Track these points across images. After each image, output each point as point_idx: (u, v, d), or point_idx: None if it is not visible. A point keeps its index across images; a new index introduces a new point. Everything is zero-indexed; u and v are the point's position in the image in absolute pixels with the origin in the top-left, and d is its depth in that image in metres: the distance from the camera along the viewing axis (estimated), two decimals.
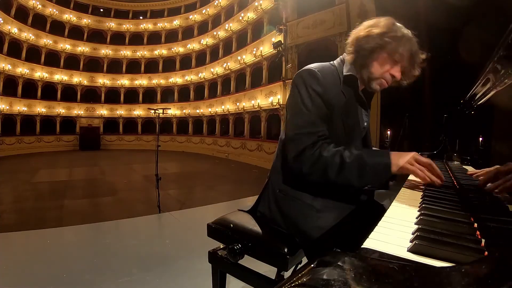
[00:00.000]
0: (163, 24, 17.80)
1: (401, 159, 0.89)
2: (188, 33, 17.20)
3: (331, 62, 1.09)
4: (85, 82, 16.90)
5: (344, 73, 1.03)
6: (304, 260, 1.14)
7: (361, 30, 1.01)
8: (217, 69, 14.59)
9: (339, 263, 0.35)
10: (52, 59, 15.64)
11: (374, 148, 1.33)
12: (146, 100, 17.56)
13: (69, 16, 16.42)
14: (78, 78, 16.61)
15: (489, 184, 0.86)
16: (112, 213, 4.09)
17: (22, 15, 14.22)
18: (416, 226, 0.58)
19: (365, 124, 1.11)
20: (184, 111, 16.66)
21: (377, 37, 0.95)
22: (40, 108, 15.05)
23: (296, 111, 0.98)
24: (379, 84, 1.02)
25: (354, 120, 1.05)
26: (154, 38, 17.99)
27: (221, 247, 1.19)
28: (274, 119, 10.68)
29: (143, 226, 3.58)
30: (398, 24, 0.98)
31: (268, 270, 1.06)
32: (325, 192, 1.03)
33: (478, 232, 0.53)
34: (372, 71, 1.00)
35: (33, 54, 14.76)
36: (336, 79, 1.03)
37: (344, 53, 1.09)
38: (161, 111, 4.31)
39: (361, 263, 0.36)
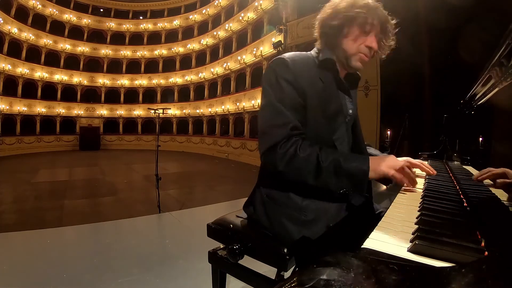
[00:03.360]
0: (163, 24, 17.80)
1: (380, 165, 0.85)
2: (188, 33, 17.20)
3: (309, 52, 1.05)
4: (85, 82, 16.89)
5: (320, 59, 0.99)
6: None
7: (325, 11, 0.98)
8: (217, 69, 14.59)
9: (339, 263, 0.35)
10: (52, 59, 15.64)
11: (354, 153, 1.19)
12: (146, 100, 17.56)
13: (69, 16, 16.41)
14: (78, 78, 16.60)
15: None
16: (112, 213, 4.09)
17: (22, 15, 14.22)
18: (416, 226, 0.58)
19: (350, 111, 1.05)
20: (184, 111, 16.66)
21: (343, 12, 0.93)
22: (40, 108, 15.05)
23: (266, 103, 0.93)
24: (358, 60, 0.97)
25: (335, 107, 0.98)
26: (154, 38, 17.99)
27: (221, 247, 1.19)
28: None
29: (143, 226, 3.58)
30: None
31: (268, 270, 1.06)
32: (313, 198, 0.97)
33: (478, 232, 0.53)
34: (346, 48, 0.96)
35: (33, 54, 14.77)
36: (311, 66, 0.98)
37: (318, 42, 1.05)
38: (161, 111, 4.31)
39: (361, 263, 0.36)
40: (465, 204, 0.73)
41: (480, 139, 1.56)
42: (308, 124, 0.93)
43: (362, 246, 0.48)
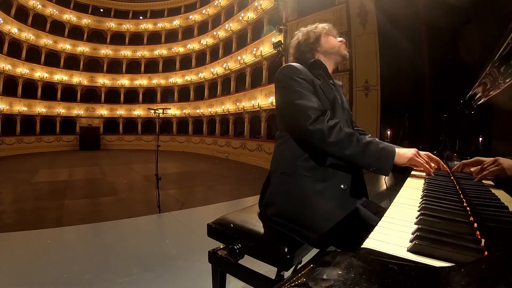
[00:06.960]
0: (163, 24, 17.80)
1: (405, 151, 1.03)
2: (188, 33, 17.20)
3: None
4: (85, 82, 16.90)
5: (308, 63, 1.20)
6: (304, 260, 1.14)
7: (302, 35, 1.28)
8: (217, 69, 14.60)
9: (339, 263, 0.35)
10: (52, 59, 15.66)
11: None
12: (146, 100, 17.57)
13: (69, 16, 16.42)
14: (78, 78, 16.61)
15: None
16: (112, 213, 4.09)
17: (22, 15, 14.23)
18: (416, 226, 0.58)
19: (340, 102, 1.22)
20: (184, 111, 16.66)
21: (318, 31, 1.26)
22: (40, 108, 15.06)
23: (295, 97, 1.05)
24: (343, 49, 1.27)
25: (332, 95, 1.17)
26: (154, 38, 18.00)
27: (221, 247, 1.19)
28: (274, 119, 10.66)
29: (143, 226, 3.57)
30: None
31: (268, 270, 1.06)
32: (330, 176, 1.06)
33: (478, 232, 0.53)
34: (331, 46, 1.25)
35: (33, 54, 14.78)
36: (307, 70, 1.16)
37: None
38: (161, 111, 4.30)
39: (361, 263, 0.36)
40: (464, 204, 0.73)
41: (480, 139, 1.56)
42: None
43: (362, 246, 0.48)
